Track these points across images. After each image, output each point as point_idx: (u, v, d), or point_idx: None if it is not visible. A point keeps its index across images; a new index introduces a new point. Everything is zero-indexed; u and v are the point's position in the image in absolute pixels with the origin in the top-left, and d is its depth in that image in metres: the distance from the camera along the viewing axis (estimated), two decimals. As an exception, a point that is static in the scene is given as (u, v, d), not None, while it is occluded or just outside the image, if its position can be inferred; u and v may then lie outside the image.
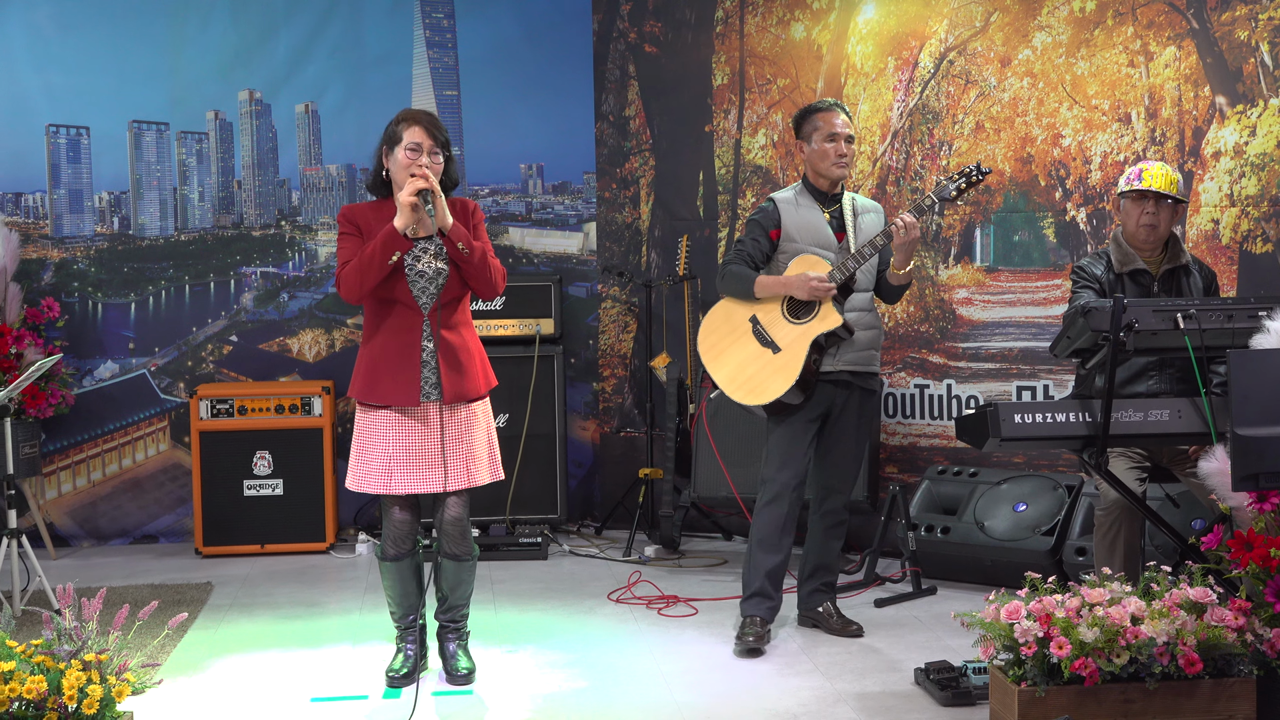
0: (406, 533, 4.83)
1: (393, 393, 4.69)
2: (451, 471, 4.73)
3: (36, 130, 7.64)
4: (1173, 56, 6.13)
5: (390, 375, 4.69)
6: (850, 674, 4.92)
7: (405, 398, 4.68)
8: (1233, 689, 4.04)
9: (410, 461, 4.71)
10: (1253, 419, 3.82)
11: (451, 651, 4.96)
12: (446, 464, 4.71)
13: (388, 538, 4.83)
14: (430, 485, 4.73)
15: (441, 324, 4.73)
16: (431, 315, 4.72)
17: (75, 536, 7.72)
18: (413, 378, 4.68)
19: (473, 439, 4.81)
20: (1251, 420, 3.82)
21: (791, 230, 5.23)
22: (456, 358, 4.75)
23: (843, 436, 5.32)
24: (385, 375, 4.70)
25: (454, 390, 4.72)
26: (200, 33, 7.69)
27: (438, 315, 4.73)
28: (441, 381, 4.70)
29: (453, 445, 4.74)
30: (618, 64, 7.87)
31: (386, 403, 4.71)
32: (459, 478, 4.75)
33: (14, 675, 3.71)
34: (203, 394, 7.27)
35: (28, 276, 7.55)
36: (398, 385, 4.69)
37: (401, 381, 4.68)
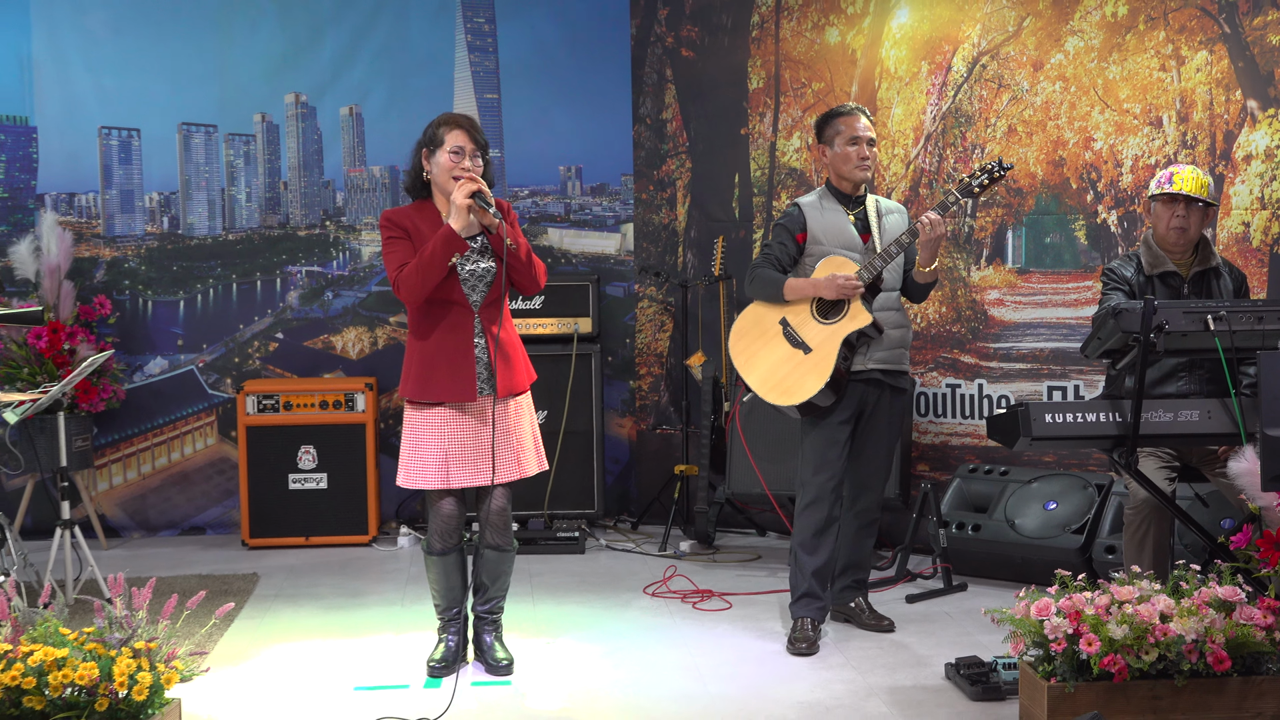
0: (454, 527, 4.85)
1: (449, 389, 4.71)
2: (502, 464, 4.76)
3: (89, 132, 7.69)
4: (1204, 61, 6.09)
5: (446, 372, 4.72)
6: (882, 668, 4.91)
7: (462, 394, 4.71)
8: (1261, 687, 4.02)
9: (465, 456, 4.75)
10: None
11: (488, 643, 4.98)
12: (496, 457, 4.74)
13: (435, 532, 4.85)
14: (484, 478, 4.76)
15: (491, 321, 4.78)
16: (482, 312, 4.77)
17: (126, 527, 7.77)
18: (469, 374, 4.71)
19: (521, 431, 4.87)
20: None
21: (817, 233, 5.22)
22: (506, 353, 4.79)
23: (875, 436, 5.31)
24: (441, 373, 4.72)
25: (506, 384, 4.78)
26: (248, 37, 7.73)
27: (487, 312, 4.78)
28: (495, 376, 4.74)
29: (502, 438, 4.77)
30: (655, 68, 7.87)
31: (442, 399, 4.73)
32: (509, 469, 4.80)
33: (67, 662, 3.74)
34: (249, 390, 7.30)
35: (80, 274, 7.61)
36: (455, 382, 4.71)
37: (458, 378, 4.71)
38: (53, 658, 3.74)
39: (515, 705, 4.57)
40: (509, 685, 4.78)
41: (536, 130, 7.89)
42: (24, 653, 3.76)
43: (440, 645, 4.95)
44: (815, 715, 4.40)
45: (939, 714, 4.39)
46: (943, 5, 6.82)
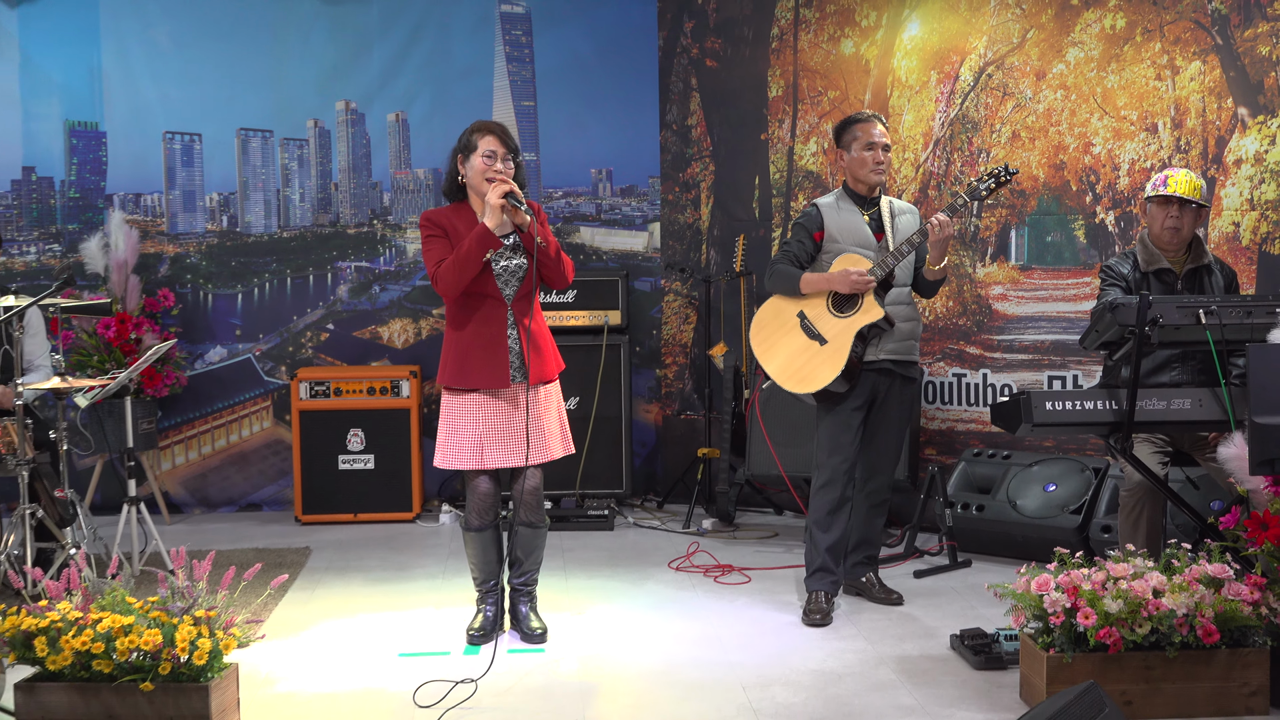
0: (490, 504, 4.88)
1: (483, 377, 4.75)
2: (533, 447, 4.79)
3: (154, 137, 7.72)
4: (1198, 70, 6.05)
5: (481, 361, 4.76)
6: (891, 639, 4.90)
7: (496, 381, 4.75)
8: (1247, 658, 4.00)
9: (498, 438, 4.78)
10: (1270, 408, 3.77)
11: (524, 613, 4.99)
12: (529, 440, 4.77)
13: (472, 509, 4.88)
14: (515, 460, 4.79)
15: (523, 313, 4.81)
16: (514, 305, 4.80)
17: (187, 504, 7.81)
18: (501, 362, 4.75)
19: (549, 417, 4.90)
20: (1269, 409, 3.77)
21: (834, 232, 5.21)
22: (536, 343, 4.81)
23: (886, 422, 5.30)
24: (476, 361, 4.76)
25: (536, 372, 4.80)
26: (302, 48, 7.74)
27: (519, 305, 4.80)
28: (526, 365, 4.77)
29: (533, 423, 4.80)
30: (681, 77, 7.86)
31: (477, 386, 4.77)
32: (539, 452, 4.83)
33: (133, 629, 3.76)
34: (302, 376, 7.33)
35: (146, 269, 7.64)
36: (489, 370, 4.75)
37: (492, 366, 4.75)
38: (120, 624, 3.77)
39: (548, 671, 4.58)
40: (542, 653, 4.79)
41: (570, 135, 7.89)
42: (93, 620, 3.79)
43: (479, 615, 4.98)
44: (828, 683, 4.39)
45: (944, 682, 4.38)
46: (951, 18, 6.80)
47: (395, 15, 7.76)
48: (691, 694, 4.29)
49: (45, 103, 7.61)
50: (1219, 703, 3.99)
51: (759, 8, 7.55)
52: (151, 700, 3.73)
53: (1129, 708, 3.90)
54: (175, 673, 3.74)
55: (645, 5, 7.88)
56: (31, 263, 7.67)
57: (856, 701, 4.20)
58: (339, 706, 4.22)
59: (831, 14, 7.27)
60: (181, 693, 3.74)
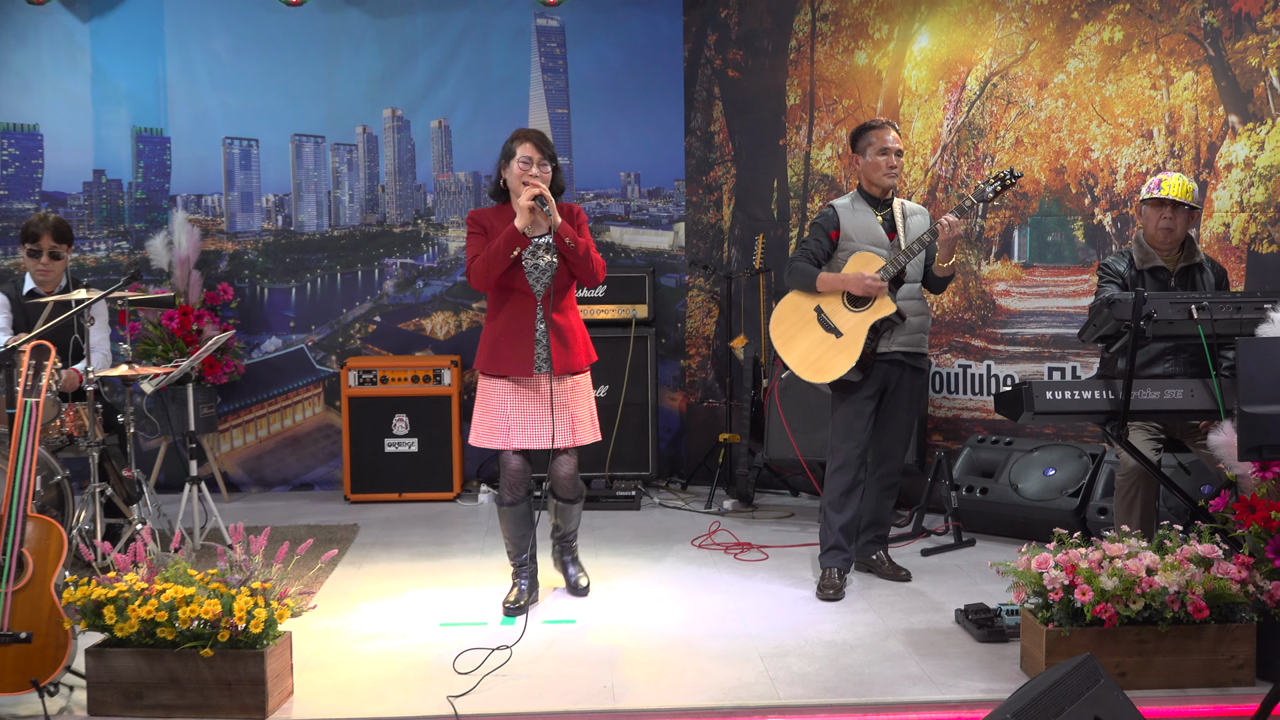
0: (521, 480, 4.93)
1: (511, 365, 4.82)
2: (560, 431, 4.85)
3: (215, 142, 7.75)
4: (1191, 80, 6.01)
5: (509, 350, 4.82)
6: (899, 613, 4.89)
7: (521, 369, 4.81)
8: (1235, 633, 3.97)
9: (524, 421, 4.85)
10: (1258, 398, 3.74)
11: (571, 573, 5.24)
12: (555, 425, 4.83)
13: (505, 485, 4.93)
14: (540, 442, 4.84)
15: (553, 308, 4.86)
16: (544, 301, 4.85)
17: (245, 484, 7.85)
18: (528, 353, 4.82)
19: (577, 405, 4.93)
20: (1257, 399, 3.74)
21: (849, 231, 5.20)
22: (564, 337, 4.86)
23: (896, 410, 5.28)
24: (505, 350, 4.82)
25: (562, 364, 4.85)
26: (352, 59, 7.76)
27: (549, 301, 4.84)
28: (552, 356, 4.82)
29: (560, 410, 4.85)
30: (704, 86, 7.84)
31: (505, 373, 4.83)
32: (565, 437, 4.87)
33: (194, 599, 3.78)
34: (351, 365, 7.35)
35: (207, 265, 7.68)
36: (516, 358, 4.81)
37: (519, 355, 4.81)
38: (182, 595, 3.78)
39: (578, 640, 4.59)
40: (573, 624, 4.79)
41: (601, 141, 7.88)
42: (158, 590, 3.81)
43: (514, 589, 5.01)
44: (841, 653, 4.38)
45: (950, 653, 4.37)
46: (959, 31, 6.77)
47: (438, 29, 7.77)
48: (712, 663, 4.29)
49: (114, 110, 7.65)
50: (1208, 674, 3.97)
51: (778, 22, 7.53)
52: (211, 665, 3.75)
53: (1123, 679, 3.88)
54: (233, 640, 3.75)
55: (672, 19, 7.86)
56: (101, 259, 7.71)
57: (867, 671, 4.19)
58: (384, 672, 4.24)
59: (846, 27, 7.25)
60: (239, 658, 3.76)
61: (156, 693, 3.78)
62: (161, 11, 7.60)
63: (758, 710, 3.86)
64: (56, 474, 5.24)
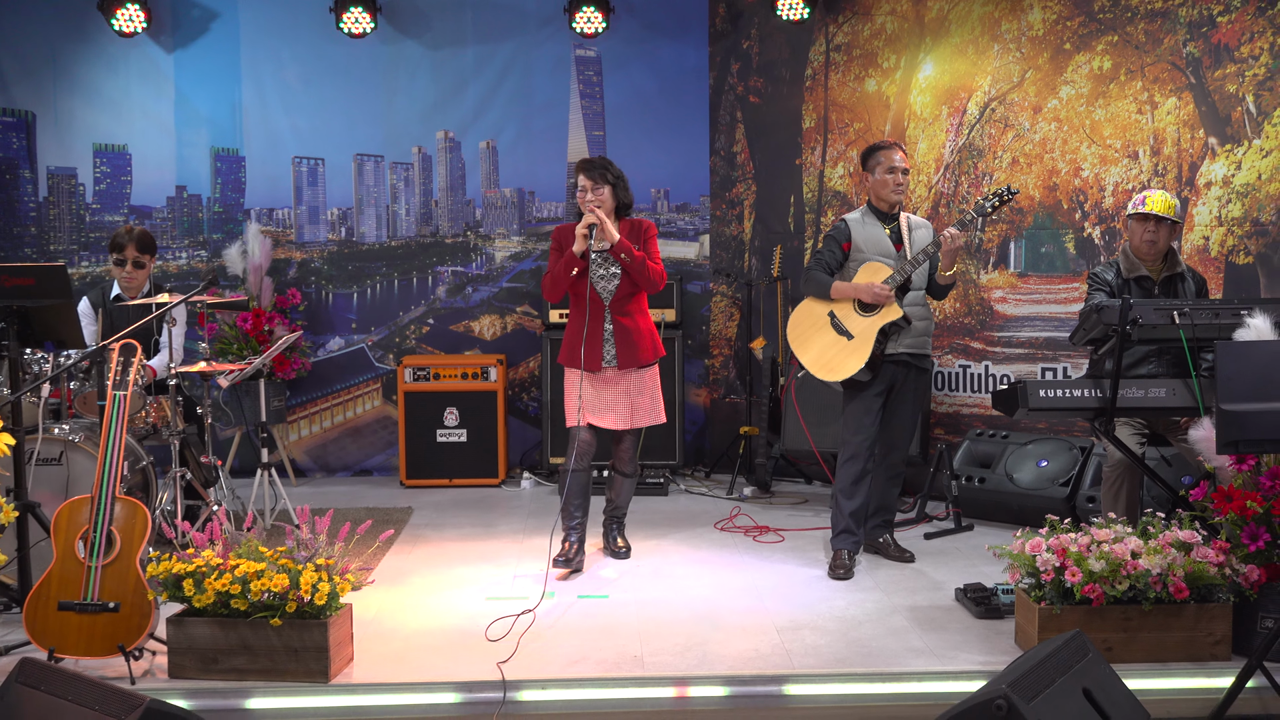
0: (587, 451, 5.16)
1: (584, 361, 5.09)
2: (621, 416, 5.19)
3: (285, 161, 7.78)
4: (1174, 105, 5.96)
5: (582, 349, 5.09)
6: (903, 591, 4.86)
7: (590, 364, 5.13)
8: (1213, 612, 3.94)
9: (592, 406, 5.14)
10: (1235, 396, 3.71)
11: (613, 536, 5.52)
12: (613, 409, 5.15)
13: (573, 454, 5.14)
14: (605, 423, 5.17)
15: (618, 312, 5.16)
16: (611, 306, 5.15)
17: (310, 470, 7.89)
18: (595, 350, 5.13)
19: (640, 393, 5.23)
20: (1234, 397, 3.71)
21: (860, 243, 5.18)
22: (629, 338, 5.15)
23: (902, 406, 5.26)
24: (578, 349, 5.13)
25: (626, 359, 5.15)
26: (409, 86, 7.78)
27: (615, 305, 5.15)
28: (617, 353, 5.13)
29: (623, 398, 5.18)
30: (728, 111, 7.83)
31: (578, 368, 5.14)
32: (625, 420, 5.20)
33: (264, 573, 3.79)
34: (407, 363, 7.37)
35: (277, 272, 7.72)
36: (588, 356, 5.12)
37: (590, 353, 5.12)
38: (253, 570, 3.80)
39: (610, 613, 4.58)
40: (606, 599, 4.79)
41: (633, 160, 7.84)
42: (232, 565, 3.83)
43: (565, 542, 5.17)
44: (850, 627, 4.37)
45: (950, 628, 4.34)
46: (960, 60, 6.73)
47: (487, 59, 7.78)
48: (733, 635, 4.28)
49: (195, 132, 7.70)
50: (1188, 650, 3.94)
51: (795, 52, 7.50)
52: (279, 633, 3.77)
53: (1109, 653, 3.85)
54: (299, 611, 3.77)
55: (698, 50, 7.85)
56: (182, 266, 7.76)
57: (874, 644, 4.17)
58: (435, 641, 4.25)
59: (857, 57, 7.22)
60: (304, 627, 3.78)
61: (230, 658, 3.80)
62: (238, 44, 7.64)
63: (774, 679, 3.85)
64: (142, 460, 5.28)
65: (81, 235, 7.65)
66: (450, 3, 7.73)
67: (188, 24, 7.59)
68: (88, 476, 4.73)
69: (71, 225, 7.66)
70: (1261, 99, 5.69)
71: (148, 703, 2.99)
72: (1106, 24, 6.19)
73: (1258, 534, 3.93)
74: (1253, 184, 5.72)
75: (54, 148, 7.61)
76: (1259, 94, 5.70)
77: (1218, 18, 5.82)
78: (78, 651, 3.83)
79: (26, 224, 7.62)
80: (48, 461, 4.78)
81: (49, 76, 7.54)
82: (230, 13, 7.61)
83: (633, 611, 4.62)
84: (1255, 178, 5.71)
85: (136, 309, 5.61)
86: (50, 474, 4.78)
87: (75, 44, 7.52)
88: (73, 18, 7.49)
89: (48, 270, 4.38)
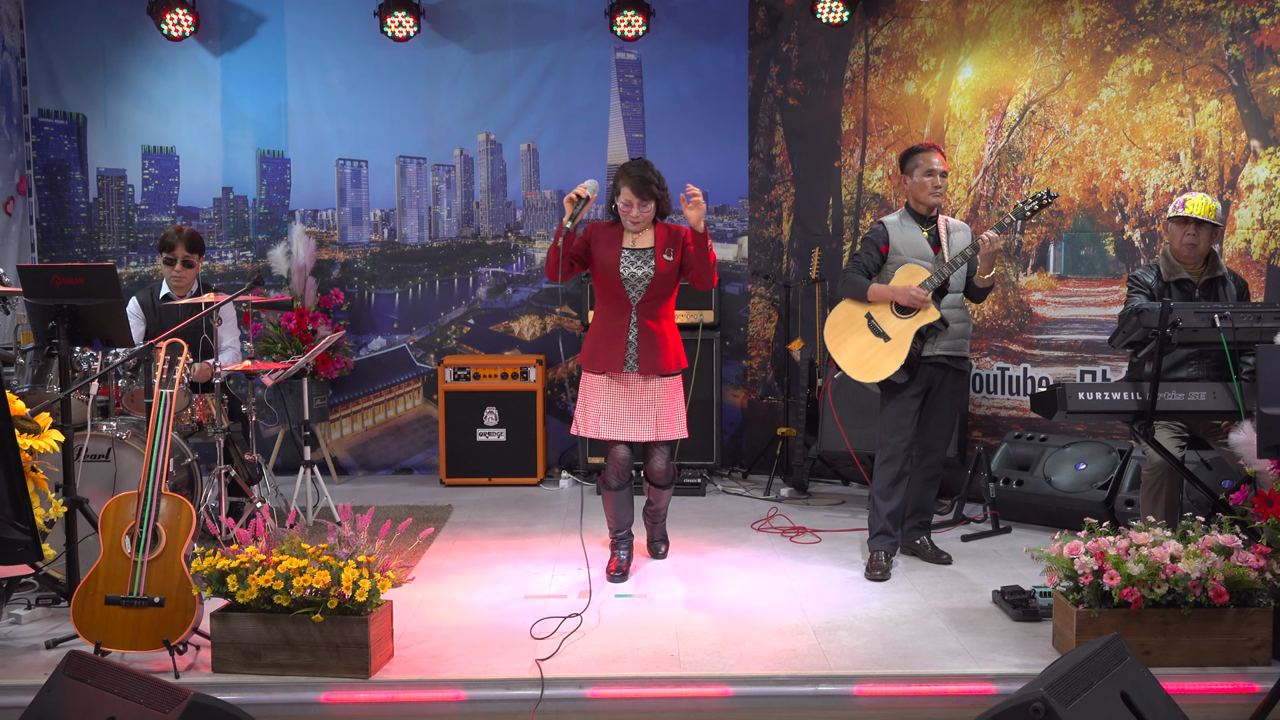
0: (625, 468, 5.03)
1: (605, 362, 4.93)
2: (645, 426, 4.94)
3: (329, 163, 7.84)
4: (1215, 108, 5.89)
5: (605, 349, 4.93)
6: (940, 593, 4.83)
7: (613, 366, 4.91)
8: (1253, 616, 3.89)
9: (614, 416, 4.95)
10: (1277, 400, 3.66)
11: (655, 541, 5.43)
12: (638, 420, 4.94)
13: (611, 472, 5.04)
14: (628, 435, 4.94)
15: (646, 315, 4.94)
16: (639, 307, 4.94)
17: (352, 468, 7.93)
18: (619, 352, 4.91)
19: (662, 403, 4.97)
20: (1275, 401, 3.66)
21: (898, 245, 5.16)
22: (654, 341, 4.93)
23: (940, 408, 5.23)
24: (602, 349, 4.93)
25: (648, 364, 4.91)
26: (450, 89, 7.81)
27: (644, 307, 4.94)
28: (640, 357, 4.91)
29: (646, 407, 4.95)
30: (767, 113, 7.81)
31: (601, 370, 4.94)
32: (649, 430, 4.95)
33: (307, 570, 3.81)
34: (447, 363, 7.40)
35: (321, 272, 7.77)
36: (609, 357, 4.91)
37: (612, 354, 4.91)
38: (296, 566, 3.82)
39: (647, 612, 4.58)
40: (645, 598, 4.79)
41: (672, 162, 7.83)
42: (275, 561, 3.85)
43: (613, 558, 5.12)
44: (886, 629, 4.34)
45: (987, 631, 4.31)
46: (1000, 63, 6.68)
47: (527, 62, 7.80)
48: (770, 635, 4.27)
49: (241, 134, 7.77)
50: (1227, 654, 3.89)
51: (835, 55, 7.48)
52: (320, 629, 3.79)
53: (1148, 657, 3.81)
54: (341, 607, 3.79)
55: (738, 53, 7.83)
56: (228, 266, 7.83)
57: (910, 645, 4.15)
58: (475, 638, 4.26)
59: (897, 60, 7.18)
60: (345, 623, 3.80)
61: (272, 653, 3.83)
62: (284, 47, 7.70)
63: (810, 679, 3.84)
64: (187, 457, 5.33)
65: (130, 236, 7.74)
66: (492, 6, 7.76)
67: (235, 28, 7.66)
68: (134, 473, 4.78)
69: (120, 226, 7.75)
70: (1305, 101, 5.61)
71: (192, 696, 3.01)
72: (1148, 26, 6.13)
73: (1299, 539, 3.88)
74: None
75: (104, 150, 7.70)
76: (1303, 96, 5.63)
77: (1260, 20, 5.74)
78: (123, 645, 3.88)
79: (77, 224, 7.72)
80: (96, 458, 4.84)
81: (99, 80, 7.64)
82: (276, 17, 7.67)
83: (669, 611, 4.61)
84: (1298, 180, 5.64)
85: (184, 308, 5.67)
86: (98, 470, 4.84)
87: (125, 48, 7.61)
88: (123, 22, 7.58)
89: (97, 270, 4.43)
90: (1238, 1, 5.81)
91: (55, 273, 4.40)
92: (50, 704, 3.16)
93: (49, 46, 7.59)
